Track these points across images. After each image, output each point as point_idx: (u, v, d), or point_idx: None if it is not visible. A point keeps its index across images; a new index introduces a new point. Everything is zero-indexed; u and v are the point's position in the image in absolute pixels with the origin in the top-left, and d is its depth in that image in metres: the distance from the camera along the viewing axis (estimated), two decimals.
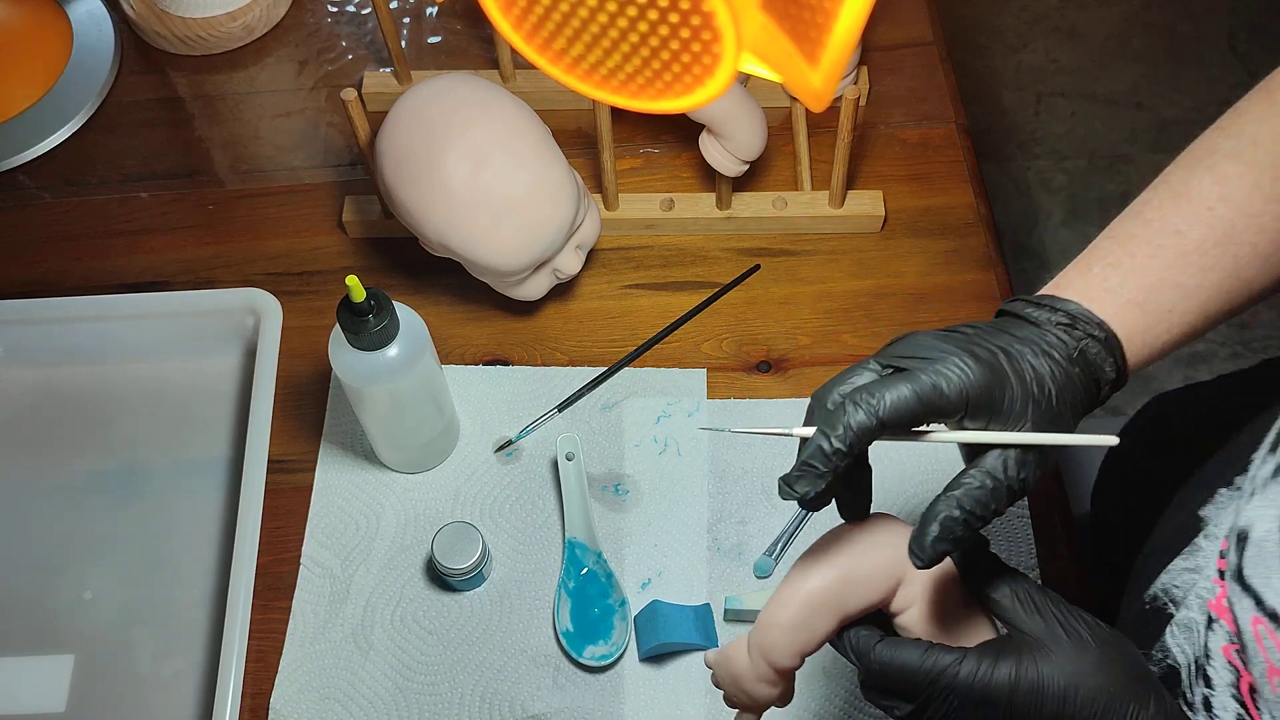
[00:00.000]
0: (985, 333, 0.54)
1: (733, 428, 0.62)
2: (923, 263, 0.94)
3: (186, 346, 0.93)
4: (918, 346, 0.52)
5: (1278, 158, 0.55)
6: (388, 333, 0.72)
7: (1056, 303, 0.55)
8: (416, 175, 0.80)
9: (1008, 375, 0.51)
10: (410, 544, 0.83)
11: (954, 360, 0.50)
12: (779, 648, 0.53)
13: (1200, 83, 2.17)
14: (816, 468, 0.50)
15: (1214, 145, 0.57)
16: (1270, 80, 0.59)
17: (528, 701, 0.77)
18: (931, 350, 0.51)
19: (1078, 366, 0.53)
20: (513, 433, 0.87)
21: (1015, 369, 0.52)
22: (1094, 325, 0.54)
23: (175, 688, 0.82)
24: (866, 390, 0.50)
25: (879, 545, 0.54)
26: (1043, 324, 0.54)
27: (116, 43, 1.08)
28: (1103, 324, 0.54)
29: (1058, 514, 0.83)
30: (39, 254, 0.98)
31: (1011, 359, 0.52)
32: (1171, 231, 0.55)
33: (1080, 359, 0.53)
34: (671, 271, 0.94)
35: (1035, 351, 0.52)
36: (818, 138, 0.99)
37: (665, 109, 0.42)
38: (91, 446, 0.91)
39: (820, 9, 0.39)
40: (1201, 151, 0.57)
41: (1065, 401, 0.52)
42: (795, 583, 0.53)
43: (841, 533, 0.55)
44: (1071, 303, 0.54)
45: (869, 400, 0.50)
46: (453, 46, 1.07)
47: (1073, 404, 0.53)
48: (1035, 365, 0.52)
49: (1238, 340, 1.90)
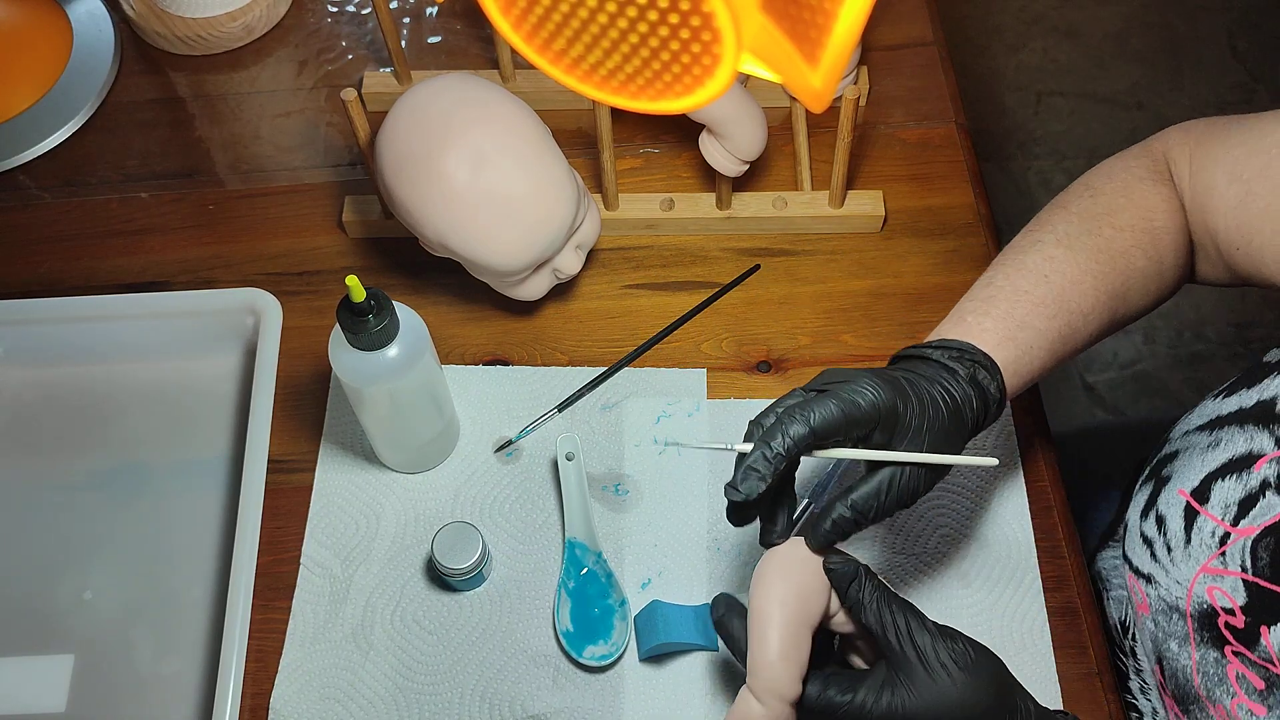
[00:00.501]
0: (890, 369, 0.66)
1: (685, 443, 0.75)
2: (923, 263, 0.94)
3: (186, 346, 0.93)
4: (836, 375, 0.64)
5: (1084, 245, 0.71)
6: (388, 333, 0.72)
7: (945, 342, 0.67)
8: (416, 175, 0.80)
9: (910, 396, 0.63)
10: (410, 544, 0.83)
11: (867, 381, 0.62)
12: (781, 680, 0.58)
13: (1200, 83, 2.17)
14: (759, 471, 0.60)
15: (1036, 238, 0.73)
16: (1062, 195, 0.77)
17: (528, 701, 0.77)
18: (848, 375, 0.63)
19: (970, 388, 0.65)
20: (513, 433, 0.87)
21: (916, 393, 0.63)
22: (979, 354, 0.67)
23: (175, 688, 0.82)
24: (799, 408, 0.61)
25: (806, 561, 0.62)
26: (937, 359, 0.66)
27: (116, 43, 1.08)
28: (986, 354, 0.67)
29: (1057, 513, 0.84)
30: (39, 254, 0.98)
31: (913, 384, 0.64)
32: (1021, 291, 0.70)
33: (972, 382, 0.66)
34: (671, 271, 0.94)
35: (931, 380, 0.65)
36: (818, 138, 0.99)
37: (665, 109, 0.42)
38: (91, 446, 0.91)
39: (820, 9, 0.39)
40: (1026, 243, 0.73)
41: (957, 424, 0.64)
42: (763, 619, 0.59)
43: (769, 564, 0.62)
44: (957, 340, 0.67)
45: (802, 414, 0.61)
46: (453, 46, 1.07)
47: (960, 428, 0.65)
48: (932, 392, 0.64)
49: (1237, 340, 1.91)
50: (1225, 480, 0.66)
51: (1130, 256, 0.72)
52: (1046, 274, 0.70)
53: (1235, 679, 0.65)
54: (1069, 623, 0.79)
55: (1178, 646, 0.70)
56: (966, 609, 0.80)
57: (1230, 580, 0.65)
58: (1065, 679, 0.78)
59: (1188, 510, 0.68)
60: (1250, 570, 0.63)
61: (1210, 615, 0.66)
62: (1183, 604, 0.68)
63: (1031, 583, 0.80)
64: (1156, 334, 1.92)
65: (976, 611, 0.80)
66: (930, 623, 0.61)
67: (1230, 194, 0.71)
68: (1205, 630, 0.67)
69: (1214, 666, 0.67)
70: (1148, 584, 0.72)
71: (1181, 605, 0.68)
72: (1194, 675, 0.69)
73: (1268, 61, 2.18)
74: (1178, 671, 0.70)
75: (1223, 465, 0.67)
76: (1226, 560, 0.65)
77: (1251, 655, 0.64)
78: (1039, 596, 0.80)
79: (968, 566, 0.81)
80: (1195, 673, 0.68)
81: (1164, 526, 0.70)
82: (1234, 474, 0.66)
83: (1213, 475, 0.67)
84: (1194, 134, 0.76)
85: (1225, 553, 0.65)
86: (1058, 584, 0.81)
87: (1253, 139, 0.71)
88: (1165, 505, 0.71)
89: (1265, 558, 0.62)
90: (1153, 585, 0.71)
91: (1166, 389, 1.86)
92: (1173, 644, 0.70)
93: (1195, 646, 0.67)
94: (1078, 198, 0.75)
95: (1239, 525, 0.64)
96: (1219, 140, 0.73)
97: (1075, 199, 0.75)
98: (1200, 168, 0.74)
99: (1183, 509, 0.69)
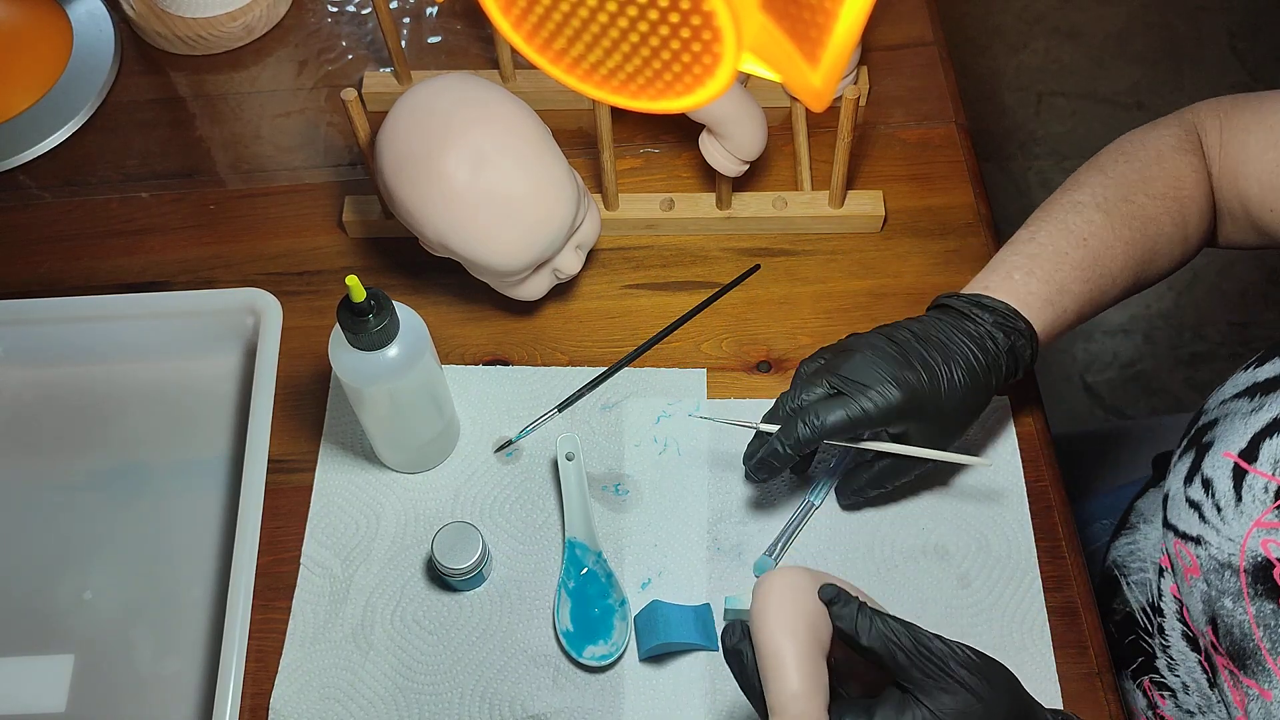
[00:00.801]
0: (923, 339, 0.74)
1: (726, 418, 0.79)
2: (923, 263, 0.94)
3: (186, 346, 0.93)
4: (859, 371, 0.72)
5: (1120, 211, 0.78)
6: (388, 333, 0.72)
7: (990, 302, 0.75)
8: (416, 175, 0.80)
9: (926, 389, 0.72)
10: (410, 544, 0.83)
11: (880, 390, 0.71)
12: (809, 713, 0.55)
13: (1200, 83, 2.17)
14: (773, 464, 0.74)
15: (1076, 199, 0.79)
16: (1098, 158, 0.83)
17: (528, 701, 0.77)
18: (868, 376, 0.72)
19: (1005, 356, 0.74)
20: (513, 433, 0.87)
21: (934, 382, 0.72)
22: (1023, 323, 0.75)
23: (175, 688, 0.82)
24: (813, 410, 0.72)
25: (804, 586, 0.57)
26: (982, 320, 0.74)
27: (116, 43, 1.08)
28: (1028, 323, 0.75)
29: (1057, 513, 0.84)
30: (39, 254, 0.98)
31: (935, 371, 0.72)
32: (1062, 254, 0.77)
33: (1009, 351, 0.74)
34: (671, 271, 0.94)
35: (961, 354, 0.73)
36: (818, 138, 0.99)
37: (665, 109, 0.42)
38: (91, 446, 0.91)
39: (820, 9, 0.39)
40: (1067, 203, 0.79)
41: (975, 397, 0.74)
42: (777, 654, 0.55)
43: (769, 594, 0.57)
44: (1002, 303, 0.75)
45: (814, 420, 0.72)
46: (453, 46, 1.07)
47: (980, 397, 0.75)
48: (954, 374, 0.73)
49: (1237, 340, 1.90)
50: (1274, 438, 0.69)
51: (1159, 223, 0.79)
52: (1085, 237, 0.77)
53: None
54: (1069, 623, 0.79)
55: (1232, 603, 0.71)
56: (967, 609, 0.80)
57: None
58: (1065, 679, 0.78)
59: (1236, 470, 0.70)
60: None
61: (1265, 567, 0.68)
62: (1235, 560, 0.70)
63: (1031, 583, 0.80)
64: (1156, 334, 1.92)
65: (976, 611, 0.80)
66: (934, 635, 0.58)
67: (1267, 160, 0.77)
68: (1260, 583, 0.68)
69: (1272, 618, 0.68)
70: (1197, 545, 0.73)
71: (1235, 561, 0.70)
72: (1254, 629, 0.69)
73: (1268, 62, 2.18)
74: (1234, 628, 0.71)
75: (1268, 424, 0.69)
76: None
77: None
78: (1039, 596, 0.80)
79: (968, 566, 0.81)
80: (1255, 626, 0.69)
81: (1211, 489, 0.72)
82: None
83: (1260, 435, 0.69)
84: (1224, 106, 0.82)
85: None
86: (1058, 584, 0.81)
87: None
88: (1211, 469, 0.72)
89: None
90: (1202, 546, 0.72)
91: (1166, 389, 1.86)
92: (1227, 601, 0.71)
93: (1250, 600, 0.69)
94: (1114, 162, 0.81)
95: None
96: (1250, 111, 0.80)
97: (1111, 163, 0.81)
98: (1232, 136, 0.80)
99: (1230, 470, 0.71)
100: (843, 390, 0.72)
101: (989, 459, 0.84)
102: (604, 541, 0.82)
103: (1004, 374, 0.75)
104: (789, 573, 0.58)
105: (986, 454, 0.85)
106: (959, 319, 0.75)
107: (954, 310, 0.76)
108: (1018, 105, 2.15)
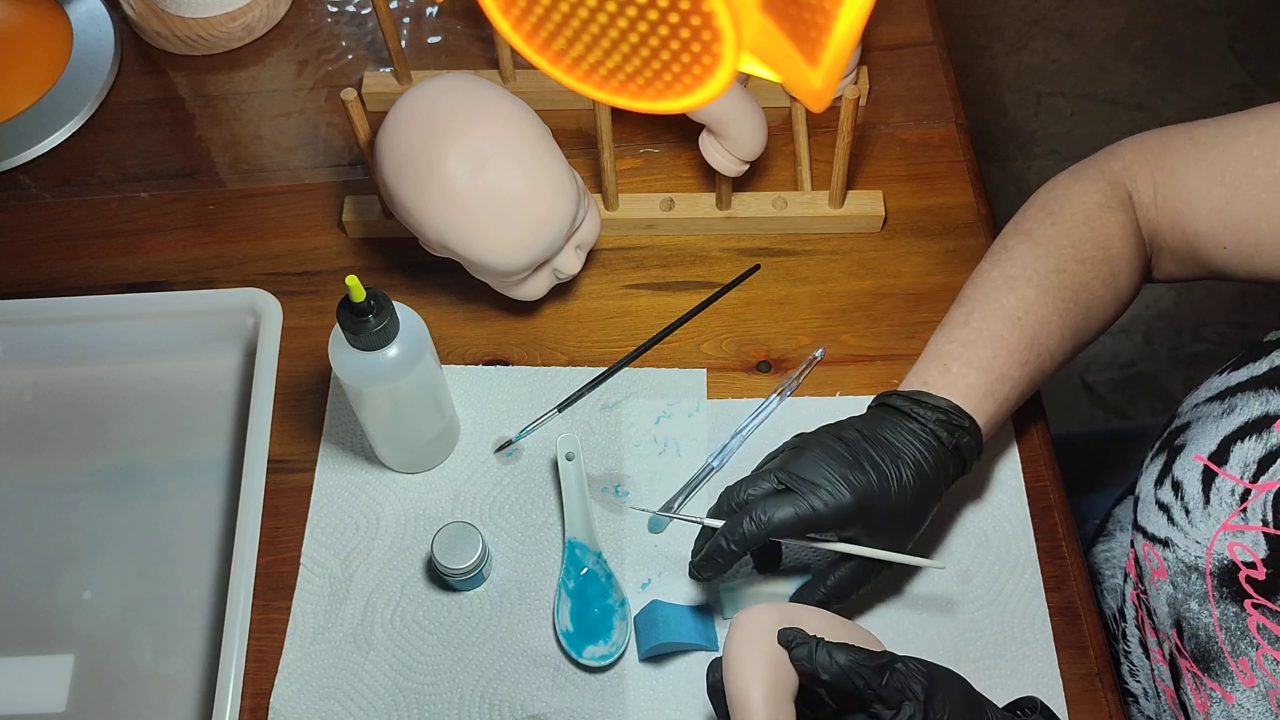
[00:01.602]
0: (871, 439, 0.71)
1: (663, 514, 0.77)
2: (923, 263, 0.94)
3: (186, 346, 0.93)
4: (808, 469, 0.69)
5: (1053, 284, 0.75)
6: (388, 333, 0.72)
7: (931, 400, 0.72)
8: (416, 175, 0.80)
9: (875, 492, 0.69)
10: (410, 544, 0.83)
11: (830, 490, 0.68)
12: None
13: (1200, 83, 2.17)
14: (717, 561, 0.70)
15: (1008, 274, 0.76)
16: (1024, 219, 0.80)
17: (528, 701, 0.77)
18: (818, 475, 0.69)
19: (950, 456, 0.72)
20: (513, 433, 0.87)
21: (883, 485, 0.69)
22: (966, 419, 0.72)
23: (175, 688, 0.82)
24: (760, 507, 0.68)
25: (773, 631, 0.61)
26: (925, 419, 0.71)
27: (116, 43, 1.08)
28: (971, 419, 0.72)
29: (1057, 513, 0.84)
30: (39, 254, 0.98)
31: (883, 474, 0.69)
32: (998, 336, 0.74)
33: (954, 451, 0.72)
34: (671, 271, 0.94)
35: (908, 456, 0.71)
36: (818, 138, 0.99)
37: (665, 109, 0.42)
38: (91, 446, 0.91)
39: (820, 9, 0.39)
40: (999, 278, 0.76)
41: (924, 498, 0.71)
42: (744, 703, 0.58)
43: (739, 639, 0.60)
44: (944, 400, 0.72)
45: (760, 517, 0.68)
46: (453, 46, 1.07)
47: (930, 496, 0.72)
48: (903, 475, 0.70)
49: (1237, 340, 1.90)
50: (1244, 441, 0.68)
51: (1091, 289, 0.76)
52: (1020, 315, 0.74)
53: (1257, 630, 0.68)
54: (1069, 623, 0.79)
55: (1198, 606, 0.71)
56: (967, 609, 0.80)
57: (1251, 535, 0.67)
58: (1066, 679, 0.77)
59: (1205, 473, 0.70)
60: (1272, 523, 0.65)
61: (1231, 570, 0.68)
62: (1202, 563, 0.70)
63: (1031, 581, 0.80)
64: (1156, 334, 1.92)
65: (977, 609, 0.80)
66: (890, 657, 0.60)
67: (1214, 196, 0.74)
68: (1225, 586, 0.69)
69: (1234, 621, 0.69)
70: (1165, 548, 0.73)
71: (1201, 564, 0.70)
72: (1217, 632, 0.70)
73: (1268, 62, 2.18)
74: (1199, 630, 0.71)
75: (1240, 428, 0.69)
76: (1248, 516, 0.67)
77: (1273, 605, 0.66)
78: (1039, 595, 0.80)
79: (968, 565, 0.81)
80: (1218, 629, 0.70)
81: (1181, 491, 0.72)
82: (1253, 435, 0.68)
83: (1230, 438, 0.69)
84: (1151, 146, 0.78)
85: (1246, 509, 0.67)
86: (1058, 584, 0.81)
87: (1224, 141, 0.74)
88: (1181, 471, 0.72)
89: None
90: (1170, 548, 0.72)
91: (1166, 389, 1.87)
92: (1193, 604, 0.72)
93: (1215, 603, 0.69)
94: (1040, 225, 0.78)
95: (1259, 481, 0.66)
96: (1183, 149, 0.76)
97: (1039, 226, 0.78)
98: (1167, 180, 0.77)
99: (1200, 472, 0.70)
100: (791, 487, 0.69)
101: (942, 561, 0.81)
102: (604, 541, 0.82)
103: (950, 474, 0.73)
104: (758, 616, 0.61)
105: (985, 455, 0.85)
106: (902, 419, 0.72)
107: (896, 410, 0.73)
108: (1018, 105, 2.15)
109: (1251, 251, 0.73)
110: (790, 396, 0.87)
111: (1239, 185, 0.72)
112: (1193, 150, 0.75)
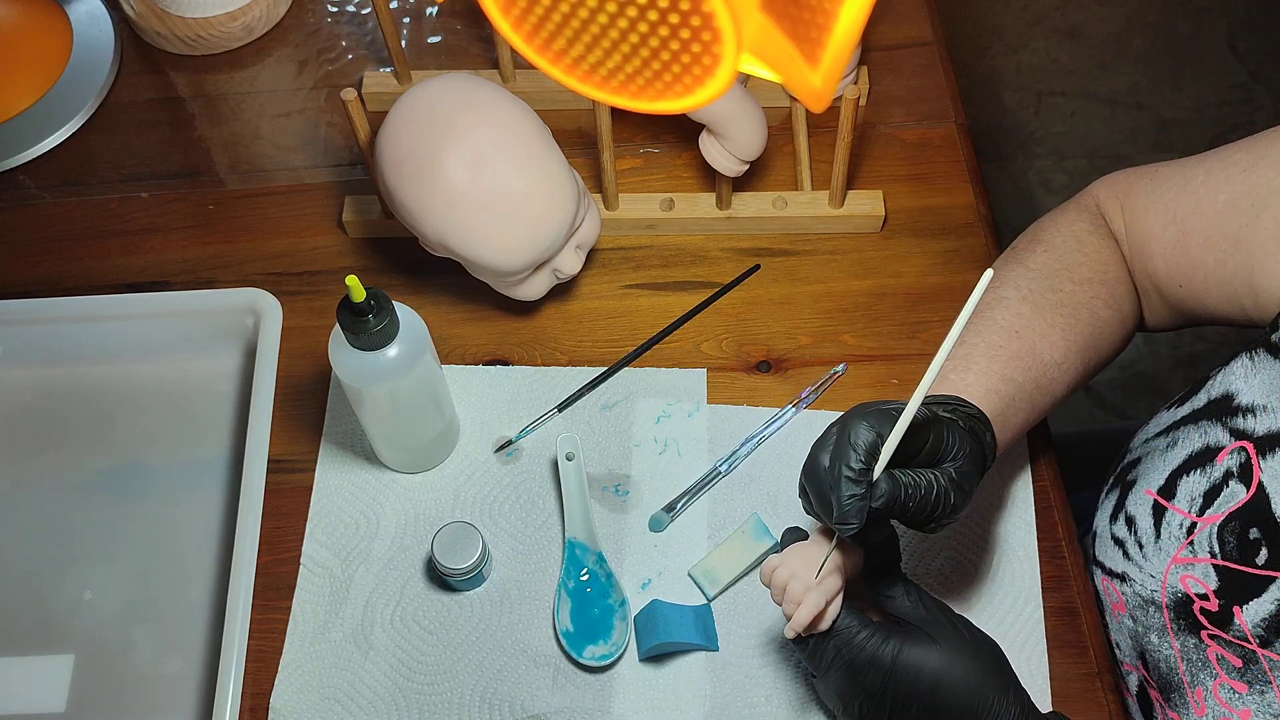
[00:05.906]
0: None
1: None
2: (923, 263, 0.94)
3: (186, 346, 0.93)
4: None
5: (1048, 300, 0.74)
6: (388, 333, 0.72)
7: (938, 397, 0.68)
8: (416, 175, 0.80)
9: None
10: (410, 544, 0.83)
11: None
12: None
13: (1200, 83, 2.17)
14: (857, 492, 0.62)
15: (1000, 295, 0.75)
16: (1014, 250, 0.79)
17: (528, 701, 0.77)
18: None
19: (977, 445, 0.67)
20: (513, 433, 0.87)
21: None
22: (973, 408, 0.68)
23: (175, 687, 0.82)
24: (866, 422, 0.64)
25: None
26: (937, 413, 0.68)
27: (116, 43, 1.08)
28: (979, 409, 0.68)
29: (1057, 513, 0.84)
30: (39, 254, 0.98)
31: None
32: (995, 347, 0.72)
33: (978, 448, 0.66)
34: (671, 271, 0.94)
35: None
36: (818, 138, 0.99)
37: (665, 109, 0.42)
38: (92, 446, 0.91)
39: (820, 9, 0.39)
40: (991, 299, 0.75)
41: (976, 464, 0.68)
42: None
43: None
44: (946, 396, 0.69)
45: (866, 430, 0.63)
46: (453, 46, 1.07)
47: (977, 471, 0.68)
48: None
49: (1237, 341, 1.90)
50: (1190, 475, 0.69)
51: (1093, 308, 0.75)
52: (1017, 329, 0.73)
53: (1215, 660, 0.69)
54: (1069, 623, 0.79)
55: (1157, 639, 0.73)
56: (967, 609, 0.80)
57: (1201, 567, 0.68)
58: (1065, 679, 0.78)
59: (1155, 507, 0.71)
60: (1219, 555, 0.66)
61: (1185, 603, 0.69)
62: (1158, 596, 0.71)
63: (1032, 580, 0.80)
64: (1156, 334, 1.92)
65: (979, 609, 0.80)
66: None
67: (1167, 236, 0.74)
68: (1181, 618, 0.70)
69: (1195, 652, 0.70)
70: (1122, 583, 0.75)
71: (1157, 598, 0.72)
72: (1178, 663, 0.72)
73: (1268, 62, 2.18)
74: (1160, 662, 0.73)
75: (1185, 461, 0.70)
76: (1195, 548, 0.68)
77: (1227, 635, 0.67)
78: (1038, 595, 0.80)
79: (968, 565, 0.81)
80: (1179, 660, 0.71)
81: (1134, 526, 0.73)
82: (1198, 468, 0.69)
83: (1176, 472, 0.70)
84: (1119, 186, 0.79)
85: (1194, 541, 0.68)
86: (1058, 584, 0.81)
87: (1178, 182, 0.75)
88: (1133, 506, 0.74)
89: (1231, 541, 0.66)
90: (1127, 583, 0.74)
91: (1166, 389, 1.86)
92: (1153, 636, 0.73)
93: (1174, 635, 0.71)
94: (1032, 252, 0.77)
95: (1204, 515, 0.68)
96: (1145, 190, 0.77)
97: (1030, 254, 0.77)
98: (1134, 218, 0.77)
99: (1150, 507, 0.72)
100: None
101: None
102: (604, 541, 0.82)
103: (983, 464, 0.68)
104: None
105: None
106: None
107: None
108: (1018, 105, 2.15)
109: (1202, 289, 0.73)
110: (785, 400, 0.87)
111: (1187, 223, 0.73)
112: (1153, 190, 0.76)
